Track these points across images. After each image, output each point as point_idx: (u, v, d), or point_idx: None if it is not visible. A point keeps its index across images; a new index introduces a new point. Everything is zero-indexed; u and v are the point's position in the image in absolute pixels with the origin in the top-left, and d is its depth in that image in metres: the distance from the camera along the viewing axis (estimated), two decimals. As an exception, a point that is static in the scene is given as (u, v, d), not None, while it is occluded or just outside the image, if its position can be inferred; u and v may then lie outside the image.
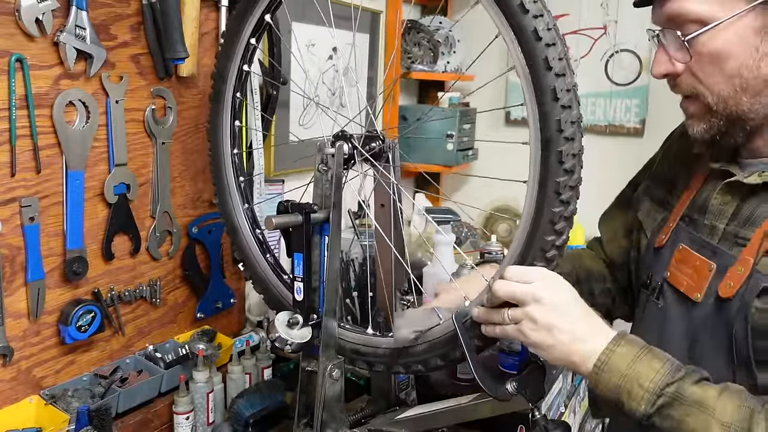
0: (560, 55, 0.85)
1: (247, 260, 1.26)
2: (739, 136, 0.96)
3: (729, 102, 0.93)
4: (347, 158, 1.06)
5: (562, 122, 0.85)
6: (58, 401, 1.26)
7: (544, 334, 0.87)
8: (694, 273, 1.00)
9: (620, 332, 0.89)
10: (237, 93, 1.25)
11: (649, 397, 0.83)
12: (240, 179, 1.28)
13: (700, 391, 0.82)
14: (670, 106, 2.58)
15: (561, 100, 0.85)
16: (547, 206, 0.88)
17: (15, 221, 1.19)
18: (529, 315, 0.87)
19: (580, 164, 0.89)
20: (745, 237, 0.95)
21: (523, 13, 0.85)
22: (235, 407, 1.40)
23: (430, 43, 2.54)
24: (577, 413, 1.79)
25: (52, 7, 1.17)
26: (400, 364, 1.06)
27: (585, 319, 0.89)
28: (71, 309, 1.28)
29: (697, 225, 1.03)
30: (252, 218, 1.28)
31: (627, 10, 2.57)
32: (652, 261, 1.10)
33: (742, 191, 0.98)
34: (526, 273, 0.90)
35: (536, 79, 0.86)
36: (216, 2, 1.52)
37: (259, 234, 1.27)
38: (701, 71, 0.93)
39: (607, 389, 0.85)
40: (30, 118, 1.18)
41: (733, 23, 0.89)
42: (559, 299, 0.88)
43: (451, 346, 0.99)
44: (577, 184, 0.89)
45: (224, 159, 1.28)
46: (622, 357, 0.85)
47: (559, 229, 0.89)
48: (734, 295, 0.92)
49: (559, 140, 0.86)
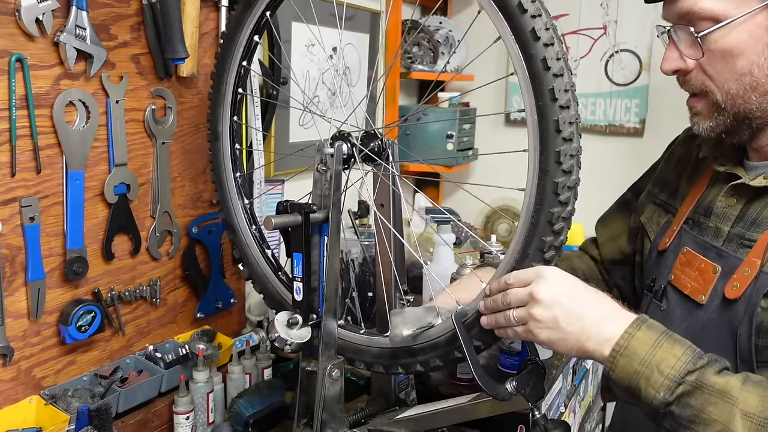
0: (558, 55, 0.85)
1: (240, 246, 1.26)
2: (744, 134, 0.97)
3: (737, 100, 0.93)
4: (346, 158, 1.06)
5: (560, 122, 0.85)
6: (58, 401, 1.26)
7: (552, 331, 0.86)
8: (699, 275, 1.00)
9: (640, 316, 0.87)
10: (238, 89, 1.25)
11: (669, 384, 0.81)
12: (237, 175, 1.28)
13: (723, 380, 0.80)
14: (670, 107, 2.60)
15: (559, 100, 0.85)
16: (545, 207, 0.88)
17: (15, 221, 1.19)
18: (533, 316, 0.87)
19: (579, 165, 0.89)
20: (751, 239, 0.95)
21: (522, 12, 0.85)
22: (235, 407, 1.40)
23: (430, 43, 2.54)
24: (577, 413, 1.79)
25: (52, 7, 1.17)
26: (399, 365, 1.06)
27: (594, 305, 0.88)
28: (71, 309, 1.28)
29: (701, 227, 1.03)
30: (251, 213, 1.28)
31: (627, 10, 2.57)
32: (656, 264, 1.10)
33: (748, 194, 0.98)
34: (522, 276, 0.90)
35: (534, 79, 0.86)
36: (216, 2, 1.52)
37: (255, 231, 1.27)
38: (712, 68, 0.93)
39: (625, 374, 0.83)
40: (30, 118, 1.18)
41: (745, 21, 0.89)
42: (559, 292, 0.87)
43: (451, 346, 0.99)
44: (575, 184, 0.89)
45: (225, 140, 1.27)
46: (642, 342, 0.83)
47: (557, 230, 0.89)
48: (741, 297, 0.92)
49: (557, 140, 0.86)
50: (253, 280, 1.27)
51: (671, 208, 1.13)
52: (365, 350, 1.10)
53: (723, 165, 1.02)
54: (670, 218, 1.12)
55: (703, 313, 0.98)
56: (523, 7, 0.85)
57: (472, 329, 0.97)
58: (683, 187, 1.12)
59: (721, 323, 0.95)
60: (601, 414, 2.17)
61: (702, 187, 1.07)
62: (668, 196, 1.15)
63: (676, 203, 1.12)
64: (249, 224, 1.27)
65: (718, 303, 0.96)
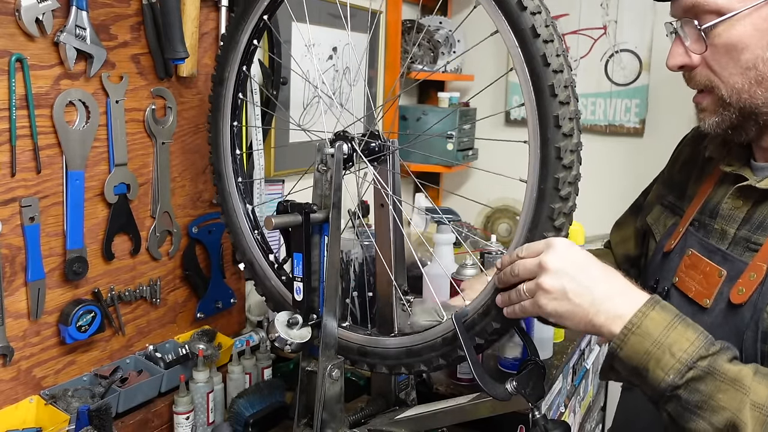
0: (558, 51, 0.86)
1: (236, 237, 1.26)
2: (751, 131, 0.96)
3: (743, 95, 0.92)
4: (346, 158, 1.06)
5: (560, 118, 0.85)
6: (58, 401, 1.26)
7: (561, 302, 0.84)
8: (704, 279, 0.98)
9: (653, 296, 0.85)
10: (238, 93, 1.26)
11: (680, 368, 0.79)
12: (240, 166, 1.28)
13: (735, 369, 0.79)
14: (670, 107, 2.60)
15: (559, 96, 0.85)
16: (546, 202, 0.88)
17: (15, 221, 1.19)
18: (541, 285, 0.84)
19: (579, 160, 0.89)
20: (758, 242, 0.94)
21: (521, 10, 0.85)
22: (235, 407, 1.40)
23: (430, 43, 2.54)
24: (577, 413, 1.79)
25: (52, 7, 1.17)
26: (402, 365, 1.06)
27: (606, 279, 0.85)
28: (71, 309, 1.28)
29: (707, 229, 1.02)
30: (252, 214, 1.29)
31: (627, 10, 2.58)
32: (660, 266, 1.09)
33: (755, 196, 0.97)
34: (533, 247, 0.88)
35: (534, 75, 0.86)
36: (216, 2, 1.52)
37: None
38: (716, 63, 0.93)
39: (634, 353, 0.81)
40: (30, 118, 1.18)
41: (750, 14, 0.89)
42: (570, 262, 0.84)
43: (451, 346, 1.00)
44: (575, 180, 0.89)
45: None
46: (655, 322, 0.81)
47: (558, 225, 0.89)
48: (746, 302, 0.91)
49: (557, 136, 0.86)
50: (255, 282, 1.27)
51: (679, 210, 1.12)
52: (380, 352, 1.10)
53: (730, 165, 1.01)
54: (677, 220, 1.10)
55: (707, 317, 0.96)
56: (522, 5, 0.85)
57: (472, 329, 0.97)
58: (691, 188, 1.11)
59: (726, 328, 0.94)
60: (601, 414, 2.17)
61: (709, 188, 1.06)
62: (676, 198, 1.14)
63: (684, 205, 1.11)
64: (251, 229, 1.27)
65: (723, 307, 0.95)
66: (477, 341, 0.97)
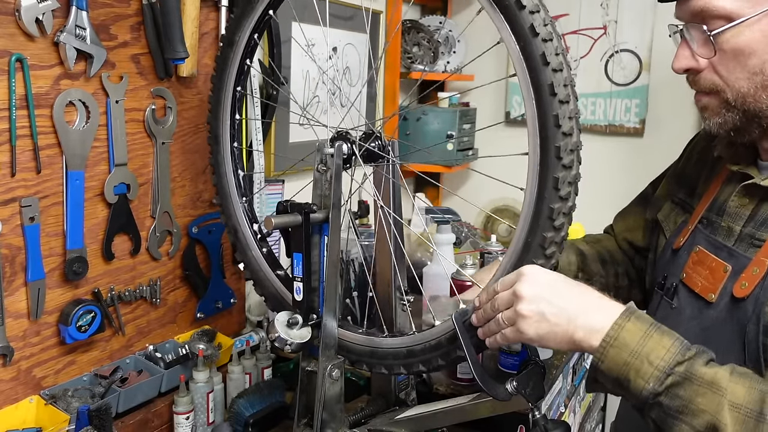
0: (557, 50, 0.86)
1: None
2: (754, 132, 0.97)
3: (748, 98, 0.93)
4: (346, 158, 1.06)
5: (559, 117, 0.85)
6: (58, 401, 1.26)
7: (540, 323, 0.86)
8: (710, 274, 1.00)
9: (628, 307, 0.87)
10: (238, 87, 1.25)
11: (659, 375, 0.81)
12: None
13: (711, 371, 0.81)
14: (670, 107, 2.59)
15: (558, 95, 0.85)
16: (545, 202, 0.88)
17: (15, 221, 1.19)
18: (519, 313, 0.87)
19: (579, 160, 0.89)
20: (761, 239, 0.95)
21: (520, 9, 0.85)
22: (235, 407, 1.40)
23: (430, 43, 2.54)
24: (577, 413, 1.79)
25: (52, 7, 1.17)
26: (402, 365, 1.06)
27: (579, 295, 0.88)
28: (71, 309, 1.28)
29: (714, 227, 1.04)
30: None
31: (627, 10, 2.57)
32: (669, 262, 1.11)
33: (760, 194, 0.98)
34: (506, 279, 0.91)
35: (533, 74, 0.86)
36: (216, 2, 1.52)
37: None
38: (723, 67, 0.94)
39: (614, 365, 0.83)
40: (30, 118, 1.18)
41: (759, 20, 0.90)
42: (543, 286, 0.87)
43: (452, 346, 0.99)
44: (575, 180, 0.89)
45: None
46: (632, 333, 0.83)
47: (558, 226, 0.89)
48: (748, 296, 0.93)
49: (557, 135, 0.86)
50: (255, 282, 1.27)
51: (689, 207, 1.13)
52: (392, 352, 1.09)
53: (737, 164, 1.03)
54: (687, 217, 1.12)
55: (712, 312, 0.98)
56: (521, 3, 0.85)
57: (472, 329, 0.97)
58: (701, 186, 1.13)
59: (730, 322, 0.96)
60: (601, 414, 2.17)
61: (717, 187, 1.08)
62: (686, 195, 1.16)
63: (694, 202, 1.13)
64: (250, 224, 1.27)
65: (726, 301, 0.96)
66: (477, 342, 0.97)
